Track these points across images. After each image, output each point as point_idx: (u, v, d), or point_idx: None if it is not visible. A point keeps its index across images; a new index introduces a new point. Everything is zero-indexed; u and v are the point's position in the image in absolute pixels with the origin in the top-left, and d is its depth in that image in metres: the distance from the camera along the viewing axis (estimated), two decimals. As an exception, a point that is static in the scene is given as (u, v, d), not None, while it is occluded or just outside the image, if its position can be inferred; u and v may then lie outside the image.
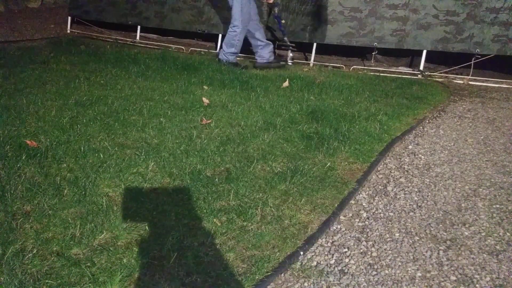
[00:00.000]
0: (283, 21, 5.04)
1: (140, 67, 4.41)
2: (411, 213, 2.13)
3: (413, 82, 4.53)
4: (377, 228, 1.99)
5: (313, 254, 1.79)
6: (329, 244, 1.85)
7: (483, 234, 1.96)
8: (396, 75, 4.86)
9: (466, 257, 1.80)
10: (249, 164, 2.43)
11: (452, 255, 1.81)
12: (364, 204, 2.20)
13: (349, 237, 1.91)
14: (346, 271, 1.70)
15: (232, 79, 4.15)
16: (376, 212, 2.13)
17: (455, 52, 4.77)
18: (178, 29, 6.08)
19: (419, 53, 4.99)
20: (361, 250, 1.83)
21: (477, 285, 1.64)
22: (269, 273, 1.62)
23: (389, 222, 2.05)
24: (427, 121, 3.43)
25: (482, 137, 3.11)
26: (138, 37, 6.29)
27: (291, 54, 5.18)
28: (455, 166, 2.64)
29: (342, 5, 5.08)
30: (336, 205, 2.12)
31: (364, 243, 1.88)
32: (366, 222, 2.04)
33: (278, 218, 1.96)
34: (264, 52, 4.93)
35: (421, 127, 3.29)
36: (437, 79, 4.82)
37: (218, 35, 5.76)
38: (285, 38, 5.11)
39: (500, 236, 1.95)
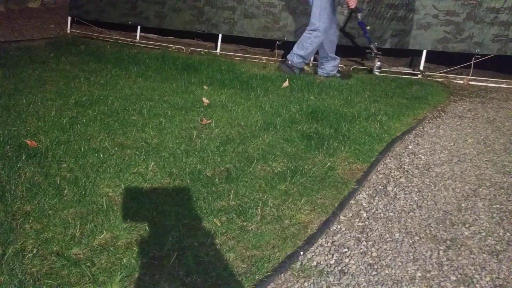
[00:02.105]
0: (368, 27, 4.71)
1: (140, 67, 4.41)
2: (411, 213, 2.13)
3: (413, 82, 4.53)
4: (377, 228, 1.99)
5: (313, 254, 1.78)
6: (329, 244, 1.85)
7: (483, 234, 1.96)
8: (396, 75, 4.86)
9: (466, 257, 1.80)
10: (249, 164, 2.43)
11: (452, 255, 1.81)
12: (364, 204, 2.20)
13: (349, 237, 1.91)
14: (346, 271, 1.70)
15: (232, 79, 4.15)
16: (376, 212, 2.13)
17: (455, 52, 4.77)
18: (178, 29, 6.08)
19: (419, 53, 4.99)
20: (361, 250, 1.83)
21: (477, 285, 1.64)
22: (269, 273, 1.62)
23: (389, 222, 2.05)
24: (427, 121, 3.43)
25: (482, 137, 3.11)
26: (138, 37, 6.29)
27: (378, 63, 4.81)
28: (455, 166, 2.64)
29: (342, 6, 5.08)
30: (336, 205, 2.12)
31: (364, 243, 1.88)
32: (366, 222, 2.04)
33: (278, 218, 1.96)
34: (328, 65, 4.62)
35: (421, 127, 3.29)
36: (437, 79, 4.82)
37: (218, 35, 5.76)
38: (372, 46, 4.77)
39: (500, 236, 1.95)
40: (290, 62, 4.58)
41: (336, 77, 4.58)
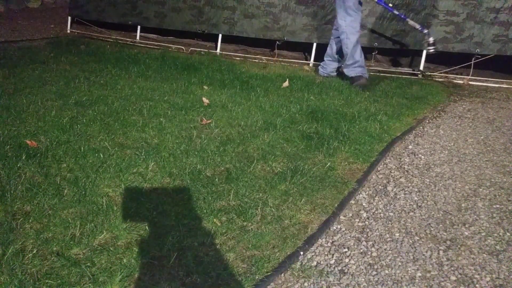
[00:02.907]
0: (390, 4, 4.24)
1: (140, 67, 4.41)
2: (411, 213, 2.13)
3: (413, 82, 4.53)
4: (377, 228, 1.99)
5: (313, 254, 1.79)
6: (329, 244, 1.85)
7: (483, 234, 1.96)
8: (396, 75, 4.86)
9: (466, 257, 1.80)
10: (249, 164, 2.43)
11: (452, 255, 1.81)
12: (364, 204, 2.20)
13: (349, 237, 1.91)
14: (346, 271, 1.70)
15: (232, 79, 4.15)
16: (376, 212, 2.13)
17: (455, 52, 4.77)
18: (178, 29, 6.08)
19: (419, 53, 4.99)
20: (361, 250, 1.83)
21: (477, 285, 1.64)
22: (269, 273, 1.62)
23: (389, 222, 2.05)
24: (427, 121, 3.43)
25: (482, 137, 3.11)
26: (138, 37, 6.29)
27: (431, 39, 4.13)
28: (455, 166, 2.64)
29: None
30: (336, 205, 2.12)
31: (364, 243, 1.88)
32: (366, 222, 2.04)
33: (278, 218, 1.96)
34: (330, 66, 4.60)
35: (421, 127, 3.29)
36: (437, 79, 4.82)
37: (218, 35, 5.76)
38: (410, 22, 4.20)
39: (500, 236, 1.95)
40: (352, 76, 4.28)
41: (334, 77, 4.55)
